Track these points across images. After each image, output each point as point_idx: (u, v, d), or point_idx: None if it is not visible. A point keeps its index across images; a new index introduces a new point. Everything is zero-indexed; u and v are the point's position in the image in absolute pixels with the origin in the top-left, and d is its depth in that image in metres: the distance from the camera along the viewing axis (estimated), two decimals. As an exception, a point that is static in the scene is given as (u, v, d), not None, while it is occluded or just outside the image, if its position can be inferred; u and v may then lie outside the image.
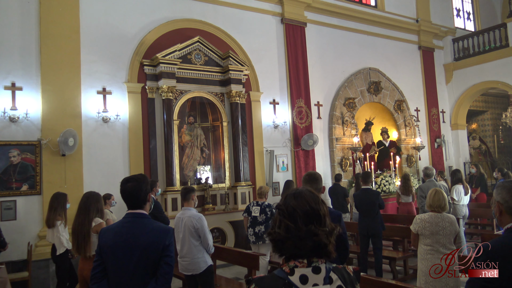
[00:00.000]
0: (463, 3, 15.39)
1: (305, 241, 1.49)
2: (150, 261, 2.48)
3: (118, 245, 2.50)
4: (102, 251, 2.55)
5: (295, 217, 1.52)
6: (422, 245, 4.07)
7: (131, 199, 2.60)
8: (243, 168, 8.52)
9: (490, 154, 15.41)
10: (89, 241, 4.05)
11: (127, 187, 2.59)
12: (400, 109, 11.88)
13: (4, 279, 4.59)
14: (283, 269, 1.51)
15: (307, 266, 1.49)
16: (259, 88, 9.28)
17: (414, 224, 4.12)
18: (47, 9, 6.97)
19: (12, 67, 6.67)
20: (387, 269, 6.54)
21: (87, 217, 4.10)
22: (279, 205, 1.58)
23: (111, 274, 2.52)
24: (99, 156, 7.28)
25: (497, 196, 2.15)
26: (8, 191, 6.45)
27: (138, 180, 2.63)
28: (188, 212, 4.61)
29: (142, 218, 2.59)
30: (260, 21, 9.56)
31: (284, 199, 1.60)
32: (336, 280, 1.52)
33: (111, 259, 2.51)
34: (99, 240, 2.61)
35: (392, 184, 10.48)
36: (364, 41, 11.44)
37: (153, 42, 8.02)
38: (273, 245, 1.55)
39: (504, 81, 12.26)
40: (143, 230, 2.54)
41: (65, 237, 5.30)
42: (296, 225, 1.50)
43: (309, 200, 1.56)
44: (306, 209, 1.53)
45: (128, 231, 2.54)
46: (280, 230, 1.52)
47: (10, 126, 6.56)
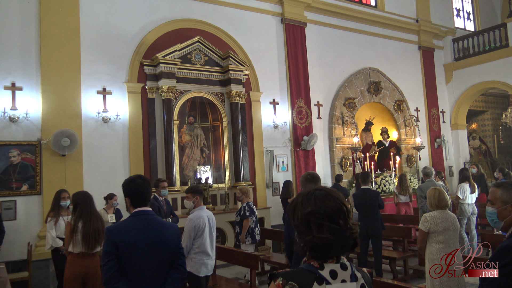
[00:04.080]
0: (463, 3, 15.39)
1: (348, 240, 1.50)
2: (170, 254, 2.67)
3: (142, 242, 2.57)
4: (121, 249, 2.53)
5: (335, 218, 1.48)
6: (433, 244, 3.95)
7: (143, 196, 2.71)
8: (243, 168, 8.52)
9: (490, 154, 15.41)
10: (102, 238, 4.08)
11: (140, 184, 2.71)
12: (400, 109, 11.88)
13: (4, 279, 4.58)
14: (311, 264, 1.49)
15: (336, 262, 1.49)
16: (259, 88, 9.28)
17: (425, 223, 4.00)
18: (47, 9, 6.97)
19: (12, 67, 6.67)
20: (387, 269, 6.53)
21: (98, 216, 4.20)
22: (313, 210, 1.49)
23: (134, 270, 2.55)
24: (99, 156, 7.28)
25: (508, 197, 2.09)
26: (8, 191, 6.45)
27: (147, 179, 2.82)
28: (207, 211, 4.57)
29: (152, 215, 2.73)
30: (260, 21, 9.56)
31: (313, 201, 1.51)
32: (360, 278, 1.54)
33: (135, 256, 2.55)
34: (113, 239, 2.55)
35: (392, 184, 10.47)
36: (364, 41, 11.44)
37: (153, 42, 8.02)
38: (314, 252, 1.49)
39: (504, 81, 12.26)
40: (161, 226, 2.70)
41: (51, 234, 5.20)
42: (339, 226, 1.48)
43: (340, 197, 1.55)
44: (341, 207, 1.51)
45: (147, 228, 2.63)
46: (324, 234, 1.46)
47: (10, 126, 6.56)
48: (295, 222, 1.54)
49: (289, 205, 1.63)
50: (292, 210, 1.57)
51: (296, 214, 1.54)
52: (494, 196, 2.20)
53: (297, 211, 1.53)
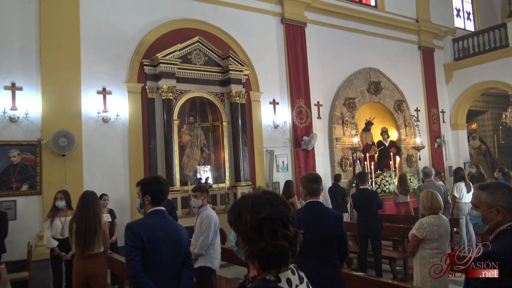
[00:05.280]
0: (463, 3, 15.39)
1: (297, 247, 1.39)
2: (183, 253, 2.77)
3: (166, 239, 2.65)
4: (146, 245, 2.60)
5: (287, 223, 1.38)
6: (426, 250, 3.90)
7: (164, 196, 2.81)
8: (243, 168, 8.52)
9: (490, 154, 15.41)
10: (99, 238, 4.05)
11: (164, 184, 2.83)
12: (400, 109, 11.88)
13: (4, 279, 4.58)
14: (267, 279, 1.35)
15: (287, 269, 1.39)
16: (259, 88, 9.28)
17: (421, 229, 3.89)
18: (47, 9, 6.97)
19: (12, 67, 6.67)
20: (387, 269, 6.53)
21: (96, 216, 4.10)
22: (268, 215, 1.36)
23: (156, 266, 2.63)
24: (99, 156, 7.28)
25: (498, 200, 2.05)
26: (8, 191, 6.45)
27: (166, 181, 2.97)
28: (212, 210, 4.67)
29: (167, 214, 2.83)
30: (260, 21, 9.56)
31: (267, 204, 1.39)
32: (304, 277, 1.48)
33: (159, 252, 2.63)
34: (139, 234, 2.59)
35: (392, 184, 10.47)
36: (364, 41, 11.44)
37: (153, 42, 8.02)
38: (267, 261, 1.36)
39: (504, 81, 12.26)
40: (176, 225, 2.83)
41: (46, 235, 5.24)
42: (290, 231, 1.37)
43: (287, 201, 1.45)
44: (290, 211, 1.41)
45: (167, 226, 2.73)
46: (279, 241, 1.34)
47: (10, 126, 6.56)
48: (242, 227, 1.39)
49: (232, 208, 1.47)
50: (237, 214, 1.42)
51: (243, 218, 1.39)
52: (479, 200, 2.14)
53: (246, 215, 1.38)
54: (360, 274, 4.11)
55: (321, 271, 3.03)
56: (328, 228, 3.09)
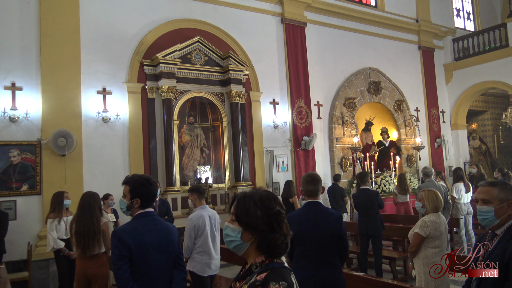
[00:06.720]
0: (463, 3, 15.39)
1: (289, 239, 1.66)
2: (174, 255, 2.70)
3: (154, 243, 2.58)
4: (134, 252, 2.50)
5: (284, 218, 1.66)
6: (429, 249, 3.89)
7: (154, 198, 2.73)
8: (243, 168, 8.52)
9: (490, 154, 15.41)
10: (98, 239, 4.05)
11: (155, 186, 2.74)
12: (400, 109, 11.88)
13: (4, 279, 4.57)
14: (276, 261, 1.59)
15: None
16: (259, 88, 9.28)
17: (424, 228, 3.89)
18: (47, 9, 6.97)
19: (12, 67, 6.67)
20: (387, 269, 6.53)
21: (93, 217, 4.09)
22: (279, 210, 1.62)
23: (146, 271, 2.55)
24: (99, 156, 7.28)
25: (509, 195, 2.19)
26: (8, 191, 6.45)
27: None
28: (210, 210, 4.52)
29: (156, 215, 2.75)
30: (260, 21, 9.56)
31: (273, 201, 1.64)
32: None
33: (148, 257, 2.55)
34: (126, 242, 2.50)
35: (392, 184, 10.47)
36: (364, 41, 11.44)
37: (153, 42, 8.02)
38: (276, 249, 1.60)
39: (504, 81, 12.26)
40: (166, 226, 2.72)
41: (52, 236, 5.24)
42: (287, 225, 1.64)
43: (277, 198, 1.69)
44: (282, 209, 1.67)
45: (156, 229, 2.64)
46: (285, 232, 1.62)
47: (10, 126, 6.56)
48: (253, 221, 1.59)
49: (237, 204, 1.65)
50: (245, 210, 1.61)
51: (253, 213, 1.60)
52: (491, 195, 2.23)
53: (256, 210, 1.59)
54: (360, 274, 4.11)
55: (321, 272, 3.02)
56: (327, 228, 3.08)
